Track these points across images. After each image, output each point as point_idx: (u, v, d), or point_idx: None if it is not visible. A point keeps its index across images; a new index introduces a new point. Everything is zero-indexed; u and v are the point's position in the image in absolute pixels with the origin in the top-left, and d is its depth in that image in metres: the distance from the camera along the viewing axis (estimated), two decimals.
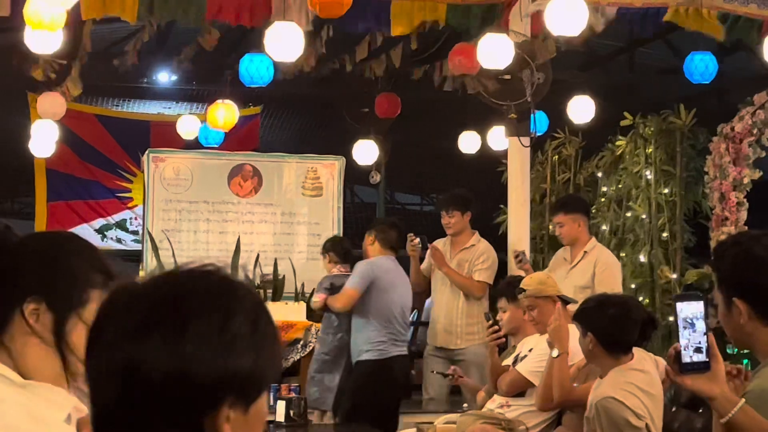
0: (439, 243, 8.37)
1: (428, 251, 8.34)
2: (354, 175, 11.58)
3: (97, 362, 1.48)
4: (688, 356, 2.68)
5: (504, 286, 6.76)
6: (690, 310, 2.67)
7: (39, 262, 2.10)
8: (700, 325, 2.67)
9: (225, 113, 9.85)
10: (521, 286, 6.21)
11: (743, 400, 2.68)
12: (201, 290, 1.52)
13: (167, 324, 1.46)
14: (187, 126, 11.46)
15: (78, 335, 2.06)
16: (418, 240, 8.12)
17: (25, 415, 1.94)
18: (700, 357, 2.67)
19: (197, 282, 1.54)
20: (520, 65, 7.95)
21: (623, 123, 10.11)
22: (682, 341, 2.68)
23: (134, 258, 11.83)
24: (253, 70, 7.87)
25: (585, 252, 7.70)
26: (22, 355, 2.06)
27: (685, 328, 2.68)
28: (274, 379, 1.55)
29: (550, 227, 7.95)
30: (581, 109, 9.12)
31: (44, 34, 6.73)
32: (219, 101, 10.01)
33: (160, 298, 1.50)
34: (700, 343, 2.67)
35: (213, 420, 1.44)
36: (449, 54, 8.11)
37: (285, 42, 6.96)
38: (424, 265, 8.44)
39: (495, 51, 7.42)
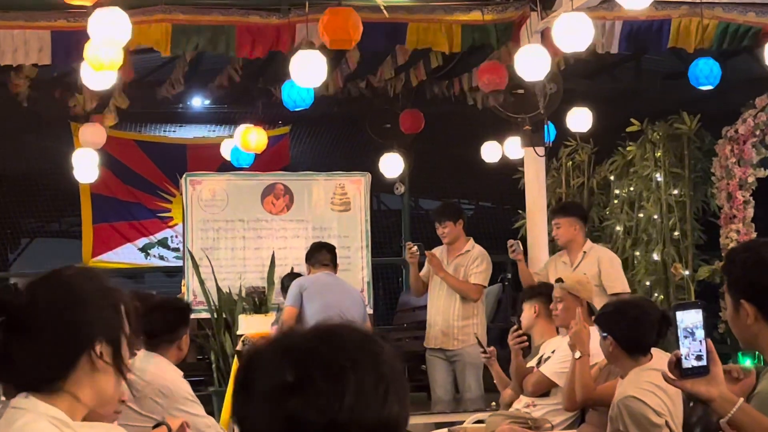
0: (436, 250, 8.38)
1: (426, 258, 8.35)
2: (379, 184, 11.59)
3: (257, 413, 1.51)
4: (689, 363, 2.68)
5: (525, 289, 6.85)
6: (689, 319, 2.67)
7: (97, 306, 2.11)
8: (700, 333, 2.67)
9: (256, 136, 9.89)
10: (562, 276, 6.26)
11: (741, 399, 2.68)
12: (352, 344, 1.54)
13: (328, 378, 1.49)
14: (227, 148, 11.52)
15: (125, 351, 2.11)
16: (416, 248, 8.13)
17: None
18: (700, 363, 2.67)
19: (345, 336, 1.56)
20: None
21: (631, 129, 10.09)
22: (683, 350, 2.67)
23: (176, 273, 11.88)
24: (295, 95, 7.89)
25: (584, 252, 7.69)
26: (91, 393, 2.07)
27: (685, 337, 2.68)
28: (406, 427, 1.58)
29: (553, 231, 7.89)
30: (580, 119, 9.11)
31: (102, 74, 6.79)
32: (250, 125, 10.04)
33: (314, 353, 1.52)
34: (700, 351, 2.67)
35: None
36: (477, 73, 8.11)
37: (309, 69, 6.99)
38: (423, 271, 8.44)
39: (533, 62, 7.30)
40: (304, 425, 1.46)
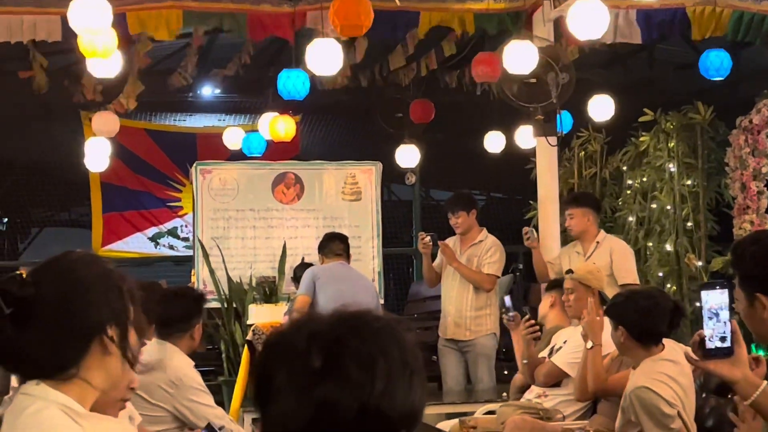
0: (449, 240, 8.39)
1: (439, 248, 8.35)
2: (391, 175, 11.59)
3: (283, 400, 1.51)
4: (713, 344, 2.66)
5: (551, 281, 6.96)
6: (715, 299, 2.65)
7: (103, 290, 2.11)
8: (725, 315, 2.65)
9: (284, 125, 9.90)
10: (572, 268, 6.29)
11: (765, 382, 2.66)
12: (379, 331, 1.55)
13: (359, 365, 1.49)
14: (232, 137, 11.54)
15: (133, 338, 2.13)
16: (429, 238, 8.14)
17: None
18: (724, 344, 2.65)
19: (371, 323, 1.57)
20: (544, 68, 7.93)
21: (644, 119, 10.07)
22: (707, 331, 2.66)
23: (186, 263, 11.91)
24: (290, 86, 7.92)
25: (597, 243, 7.70)
26: (102, 377, 2.07)
27: (710, 318, 2.66)
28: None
29: (566, 222, 7.90)
30: (601, 108, 9.09)
31: (102, 61, 6.81)
32: (275, 114, 10.04)
33: (343, 340, 1.52)
34: (724, 332, 2.65)
35: None
36: (472, 63, 8.11)
37: (325, 57, 7.01)
38: (435, 262, 8.45)
39: (520, 57, 7.42)
40: (334, 410, 1.47)
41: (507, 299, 6.75)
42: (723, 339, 2.65)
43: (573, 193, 9.31)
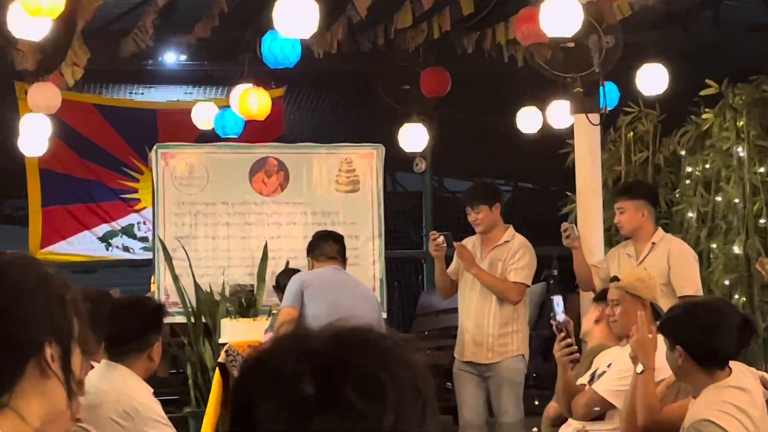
0: (468, 241, 8.38)
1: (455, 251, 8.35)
2: (395, 159, 11.58)
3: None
4: None
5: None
6: None
7: (42, 300, 2.11)
8: None
9: (258, 99, 9.87)
10: (617, 275, 6.28)
11: None
12: (386, 352, 1.54)
13: (364, 394, 1.48)
14: (202, 114, 11.53)
15: (77, 360, 2.11)
16: (442, 238, 8.12)
17: None
18: None
19: (376, 342, 1.55)
20: (585, 30, 7.92)
21: (706, 92, 10.07)
22: None
23: (145, 268, 11.92)
24: (277, 50, 7.87)
25: (653, 244, 7.69)
26: (39, 408, 2.07)
27: None
28: None
29: (616, 217, 7.91)
30: (653, 79, 9.07)
31: (33, 20, 6.80)
32: (248, 86, 10.02)
33: (343, 363, 1.50)
34: None
35: None
36: (515, 21, 8.09)
37: (297, 16, 6.93)
38: (451, 267, 8.45)
39: (560, 15, 7.33)
40: None
41: (558, 301, 6.73)
42: None
43: (624, 183, 9.32)
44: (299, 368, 1.49)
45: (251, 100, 9.88)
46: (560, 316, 6.60)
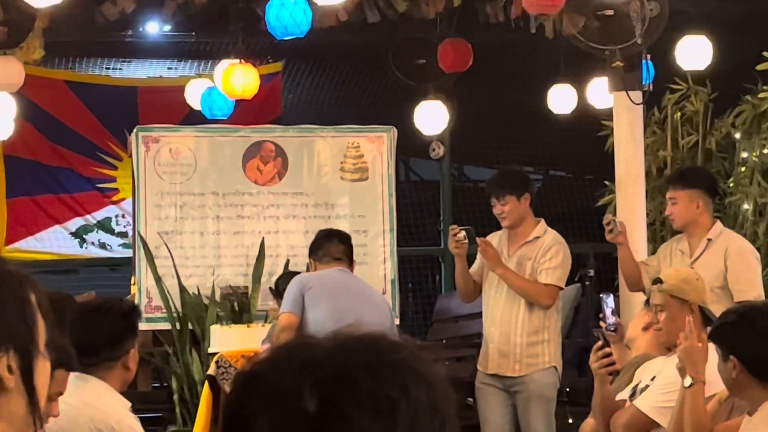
0: (493, 237, 8.39)
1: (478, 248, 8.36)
2: (409, 145, 11.60)
3: None
4: None
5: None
6: None
7: (14, 296, 2.11)
8: None
9: (244, 77, 9.86)
10: (661, 276, 6.26)
11: None
12: (398, 365, 1.55)
13: (372, 413, 1.49)
14: (195, 91, 11.51)
15: (42, 373, 2.10)
16: (462, 233, 8.13)
17: None
18: None
19: (387, 353, 1.56)
20: None
21: (763, 66, 10.06)
22: None
23: (122, 267, 11.95)
24: (286, 17, 7.86)
25: (709, 240, 7.69)
26: (10, 425, 2.08)
27: None
28: None
29: (667, 209, 7.91)
30: (696, 52, 9.08)
31: None
32: (234, 61, 10.02)
33: (348, 379, 1.51)
34: None
35: None
36: None
37: None
38: (473, 267, 8.46)
39: None
40: None
41: (609, 301, 6.73)
42: None
43: (678, 169, 9.29)
44: (300, 383, 1.51)
45: (236, 77, 9.86)
46: (610, 318, 6.61)
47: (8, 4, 8.53)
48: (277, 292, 8.79)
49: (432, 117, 11.01)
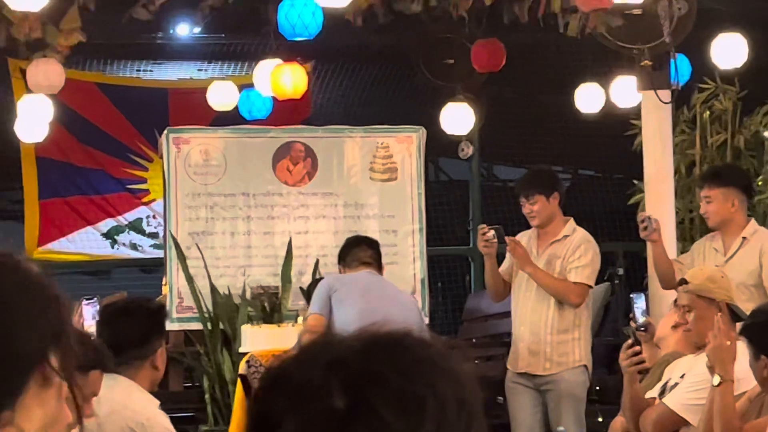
0: (522, 236, 8.39)
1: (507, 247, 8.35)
2: (438, 145, 11.59)
3: None
4: None
5: None
6: None
7: (42, 305, 2.14)
8: None
9: (292, 76, 9.84)
10: (686, 277, 6.25)
11: None
12: (426, 362, 1.55)
13: (399, 410, 1.49)
14: (221, 94, 11.51)
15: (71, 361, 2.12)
16: (492, 232, 8.13)
17: None
18: None
19: (414, 351, 1.57)
20: None
21: None
22: None
23: (153, 267, 11.99)
24: (295, 18, 7.89)
25: (744, 239, 7.67)
26: (40, 417, 2.10)
27: None
28: None
29: (701, 206, 7.89)
30: (730, 50, 9.04)
31: None
32: (279, 61, 10.03)
33: (376, 377, 1.52)
34: None
35: None
36: None
37: None
38: (503, 266, 8.46)
39: None
40: None
41: (639, 300, 6.72)
42: None
43: (713, 168, 9.28)
44: (328, 381, 1.51)
45: (285, 77, 9.83)
46: (640, 318, 6.60)
47: None
48: (307, 296, 8.81)
49: (460, 117, 11.00)
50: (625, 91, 9.65)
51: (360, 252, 8.22)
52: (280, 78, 9.86)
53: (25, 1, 7.26)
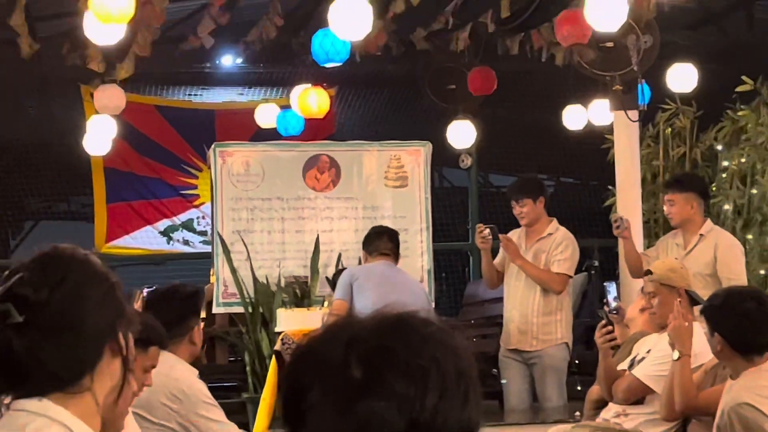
0: (513, 234, 8.38)
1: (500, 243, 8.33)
2: (442, 157, 11.57)
3: (319, 418, 1.52)
4: None
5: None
6: None
7: (109, 288, 2.16)
8: None
9: (317, 98, 9.91)
10: (651, 268, 6.25)
11: None
12: (429, 338, 1.56)
13: (407, 379, 1.51)
14: (266, 114, 11.57)
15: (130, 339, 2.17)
16: (487, 230, 8.12)
17: None
18: None
19: (419, 329, 1.58)
20: (624, 31, 7.89)
21: (742, 89, 9.99)
22: None
23: (204, 260, 11.99)
24: (328, 46, 7.88)
25: (701, 235, 7.64)
26: (107, 387, 2.12)
27: None
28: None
29: (665, 208, 7.87)
30: (684, 77, 9.03)
31: (105, 26, 6.86)
32: (307, 86, 10.07)
33: (387, 351, 1.53)
34: None
35: None
36: (555, 23, 8.05)
37: (351, 18, 6.95)
38: (497, 259, 8.44)
39: (606, 11, 7.26)
40: (379, 429, 1.48)
41: (611, 288, 6.71)
42: None
43: (675, 175, 9.27)
44: (347, 354, 1.52)
45: (311, 99, 9.93)
46: (612, 302, 6.60)
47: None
48: (332, 283, 8.80)
49: (461, 133, 11.01)
50: (601, 111, 9.64)
51: (381, 243, 8.21)
52: (307, 99, 9.91)
53: (103, 36, 7.23)
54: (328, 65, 8.32)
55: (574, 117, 10.71)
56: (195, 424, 4.89)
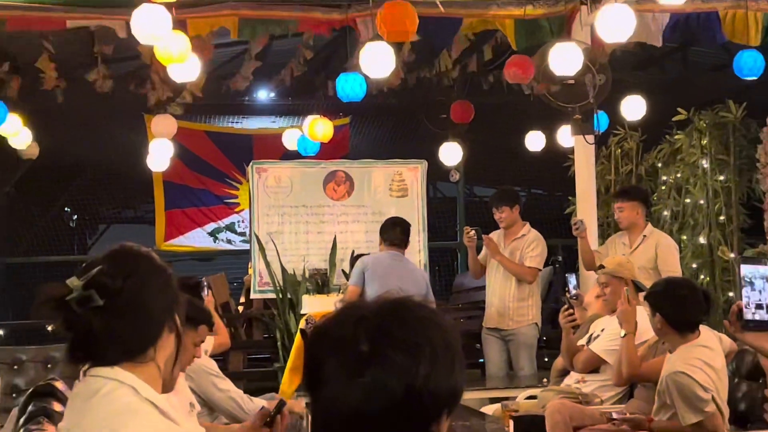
0: (493, 234, 8.37)
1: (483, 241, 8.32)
2: (436, 173, 11.58)
3: (333, 384, 1.52)
4: (750, 313, 2.59)
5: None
6: (751, 270, 2.58)
7: (166, 278, 2.19)
8: (761, 284, 2.58)
9: (323, 127, 9.99)
10: (603, 263, 6.26)
11: None
12: (421, 318, 1.56)
13: (402, 350, 1.50)
14: (289, 138, 11.64)
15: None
16: (473, 232, 8.11)
17: (158, 422, 2.01)
18: (762, 314, 2.58)
19: (413, 310, 1.58)
20: (582, 70, 7.88)
21: (678, 118, 9.99)
22: (744, 299, 2.60)
23: (243, 256, 11.99)
24: (349, 88, 7.93)
25: (644, 236, 7.63)
26: (166, 357, 2.14)
27: (743, 286, 2.59)
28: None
29: (615, 214, 7.86)
30: (633, 108, 9.03)
31: (181, 66, 6.85)
32: (316, 116, 10.12)
33: (385, 330, 1.53)
34: (760, 300, 2.58)
35: (437, 428, 1.53)
36: (506, 64, 8.06)
37: (378, 60, 6.98)
38: (480, 255, 8.43)
39: (565, 58, 7.32)
40: (382, 393, 1.48)
41: (572, 279, 6.70)
42: (759, 306, 2.58)
43: (624, 187, 9.26)
44: (356, 332, 1.52)
45: (318, 127, 10.00)
46: (573, 290, 6.59)
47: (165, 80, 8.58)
48: (347, 274, 8.78)
49: (451, 153, 11.02)
50: (564, 135, 9.64)
51: (393, 233, 8.15)
52: (315, 127, 9.99)
53: (183, 74, 7.20)
54: (349, 101, 8.33)
55: (535, 140, 10.76)
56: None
